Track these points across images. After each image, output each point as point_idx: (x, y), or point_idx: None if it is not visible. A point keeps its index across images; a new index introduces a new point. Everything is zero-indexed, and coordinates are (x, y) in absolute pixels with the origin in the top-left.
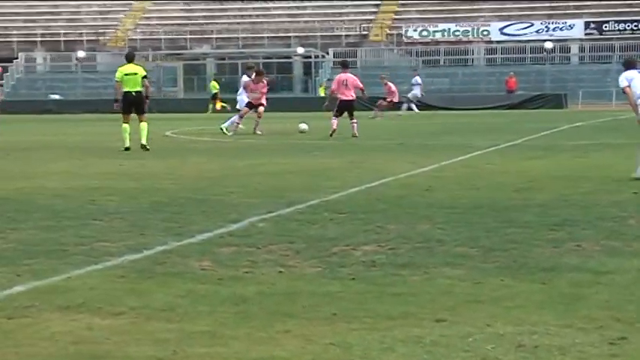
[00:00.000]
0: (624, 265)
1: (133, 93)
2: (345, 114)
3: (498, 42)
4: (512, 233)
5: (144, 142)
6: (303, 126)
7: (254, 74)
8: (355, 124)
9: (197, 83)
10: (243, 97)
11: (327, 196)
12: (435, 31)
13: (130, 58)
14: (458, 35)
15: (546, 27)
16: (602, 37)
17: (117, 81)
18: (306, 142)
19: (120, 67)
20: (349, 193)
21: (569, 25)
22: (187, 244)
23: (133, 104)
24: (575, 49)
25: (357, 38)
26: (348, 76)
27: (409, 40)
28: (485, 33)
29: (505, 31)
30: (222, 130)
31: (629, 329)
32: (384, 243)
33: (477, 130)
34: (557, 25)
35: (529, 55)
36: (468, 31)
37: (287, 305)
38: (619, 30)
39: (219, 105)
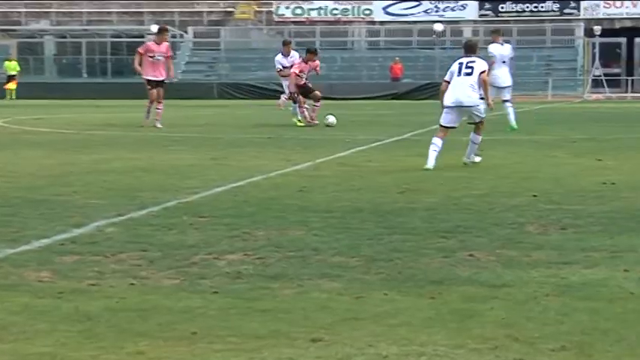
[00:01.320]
0: (522, 278)
1: None
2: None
3: (382, 23)
4: (397, 241)
5: None
6: (331, 119)
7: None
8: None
9: (34, 65)
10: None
11: (185, 197)
12: (310, 9)
13: None
14: (336, 14)
15: (436, 7)
16: (498, 18)
17: None
18: (161, 135)
19: None
20: (212, 194)
21: (462, 5)
22: (23, 252)
23: None
24: (468, 31)
25: (220, 16)
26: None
27: (280, 19)
28: (367, 12)
29: (389, 10)
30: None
31: (527, 350)
32: (252, 251)
33: (357, 123)
34: (448, 4)
35: (416, 38)
36: (348, 10)
37: (139, 323)
38: (517, 11)
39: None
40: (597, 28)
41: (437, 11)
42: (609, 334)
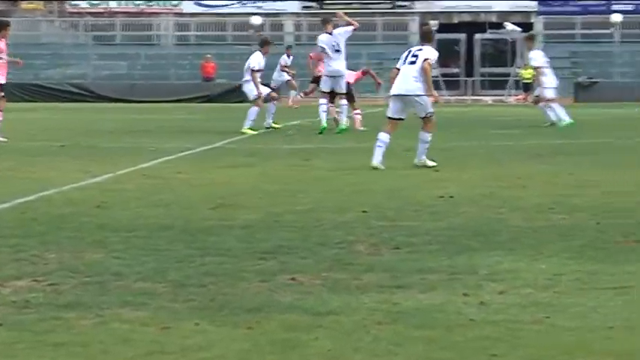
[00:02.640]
0: (351, 304)
1: None
2: None
3: (192, 15)
4: (210, 263)
5: None
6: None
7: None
8: None
9: None
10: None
11: None
12: None
13: None
14: (139, 4)
15: None
16: (323, 11)
17: None
18: None
19: None
20: None
21: None
22: None
23: None
24: (289, 25)
25: (6, 5)
26: None
27: (75, 10)
28: (174, 3)
29: (201, 1)
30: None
31: None
32: (42, 277)
33: (164, 130)
34: None
35: (232, 33)
36: (153, 0)
37: None
38: (344, 4)
39: None
40: (434, 23)
41: (254, 3)
42: None
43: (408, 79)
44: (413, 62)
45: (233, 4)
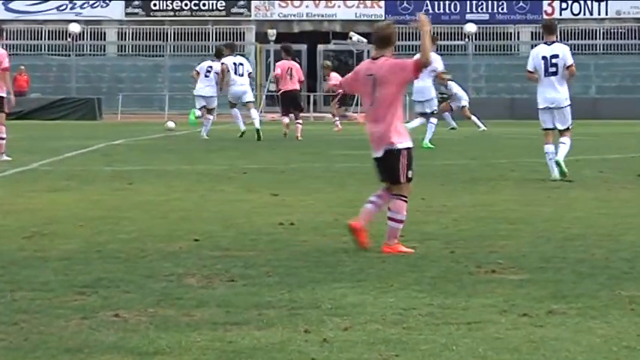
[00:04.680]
0: (181, 342)
1: None
2: None
3: (2, 21)
4: (23, 299)
5: None
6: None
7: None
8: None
9: None
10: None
11: None
12: None
13: None
14: None
15: (72, 3)
16: (150, 18)
17: None
18: None
19: None
20: None
21: (105, 2)
22: None
23: None
24: (112, 33)
25: None
26: (292, 63)
27: None
28: None
29: (11, 6)
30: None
31: None
32: None
33: None
34: (86, 1)
35: (47, 42)
36: None
37: None
38: (173, 10)
39: None
40: (272, 32)
41: (73, 8)
42: None
43: None
44: None
45: (49, 9)
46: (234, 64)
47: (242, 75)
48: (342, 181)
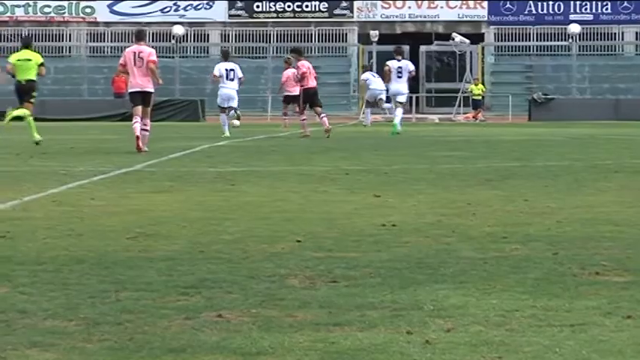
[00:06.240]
0: (284, 343)
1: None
2: None
3: (107, 24)
4: (127, 299)
5: None
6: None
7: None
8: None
9: None
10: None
11: None
12: (14, 6)
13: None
14: (48, 12)
15: (175, 5)
16: (252, 20)
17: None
18: None
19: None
20: None
21: (208, 4)
22: None
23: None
24: (215, 35)
25: None
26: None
27: None
28: (87, 11)
29: (116, 8)
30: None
31: None
32: None
33: (75, 151)
34: (190, 2)
35: (152, 44)
36: (63, 7)
37: None
38: (276, 12)
39: None
40: (374, 34)
41: (177, 10)
42: None
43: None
44: None
45: (153, 12)
46: (226, 69)
47: (232, 80)
48: (444, 183)
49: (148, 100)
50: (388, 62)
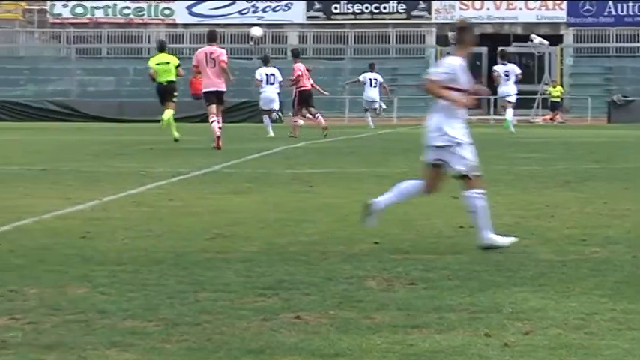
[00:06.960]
0: (362, 345)
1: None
2: None
3: (185, 25)
4: (206, 300)
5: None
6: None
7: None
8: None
9: None
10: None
11: None
12: (94, 8)
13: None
14: (128, 14)
15: (253, 6)
16: (330, 22)
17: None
18: None
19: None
20: None
21: (286, 5)
22: None
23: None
24: (293, 37)
25: None
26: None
27: (57, 20)
28: (167, 12)
29: (195, 10)
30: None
31: None
32: (21, 314)
33: (154, 152)
34: (268, 4)
35: (229, 46)
36: (143, 9)
37: None
38: (354, 13)
39: None
40: (452, 35)
41: (255, 12)
42: None
43: None
44: None
45: (231, 14)
46: (267, 74)
47: (272, 84)
48: (523, 184)
49: (221, 98)
50: (495, 67)
